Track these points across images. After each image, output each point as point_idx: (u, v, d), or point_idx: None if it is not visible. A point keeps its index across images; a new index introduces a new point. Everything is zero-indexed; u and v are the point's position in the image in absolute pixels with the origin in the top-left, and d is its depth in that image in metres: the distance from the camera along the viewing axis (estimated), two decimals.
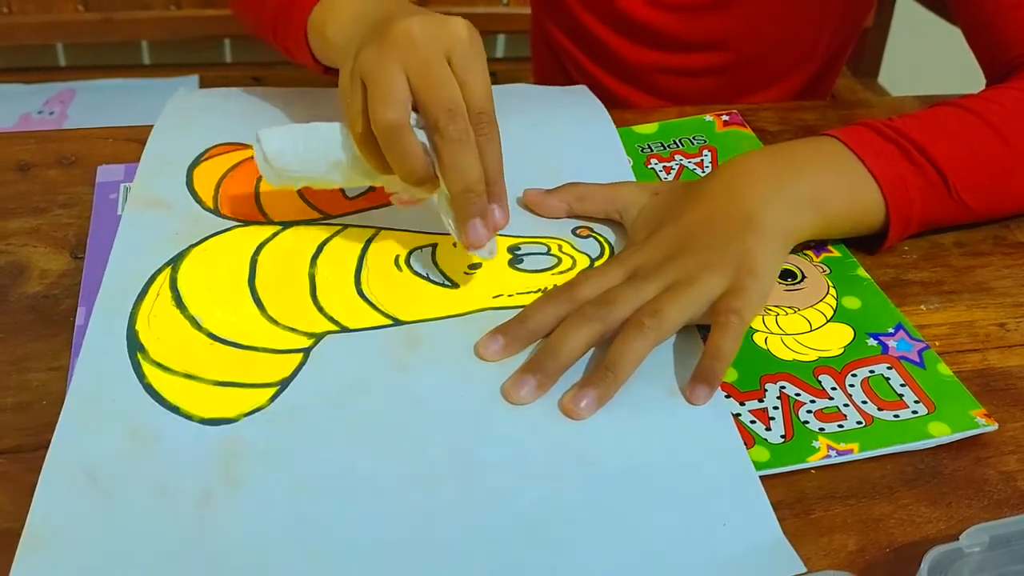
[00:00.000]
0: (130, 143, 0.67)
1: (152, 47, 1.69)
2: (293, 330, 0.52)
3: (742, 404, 0.50)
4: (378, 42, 0.52)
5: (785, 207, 0.57)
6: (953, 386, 0.51)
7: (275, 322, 0.53)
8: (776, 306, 0.56)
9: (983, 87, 0.70)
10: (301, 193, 0.62)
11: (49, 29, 1.53)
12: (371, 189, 0.62)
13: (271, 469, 0.45)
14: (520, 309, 0.53)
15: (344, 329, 0.53)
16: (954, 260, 0.62)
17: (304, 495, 0.44)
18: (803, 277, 0.58)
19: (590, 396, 0.48)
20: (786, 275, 0.58)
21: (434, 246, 0.58)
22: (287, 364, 0.51)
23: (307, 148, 0.55)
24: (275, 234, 0.58)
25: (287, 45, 0.67)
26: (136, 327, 0.52)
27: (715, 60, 0.87)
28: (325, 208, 0.61)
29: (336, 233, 0.59)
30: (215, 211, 0.60)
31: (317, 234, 0.59)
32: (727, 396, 0.50)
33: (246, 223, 0.59)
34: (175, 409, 0.48)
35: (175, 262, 0.56)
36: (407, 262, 0.57)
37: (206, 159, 0.65)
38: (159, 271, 0.55)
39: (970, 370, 0.53)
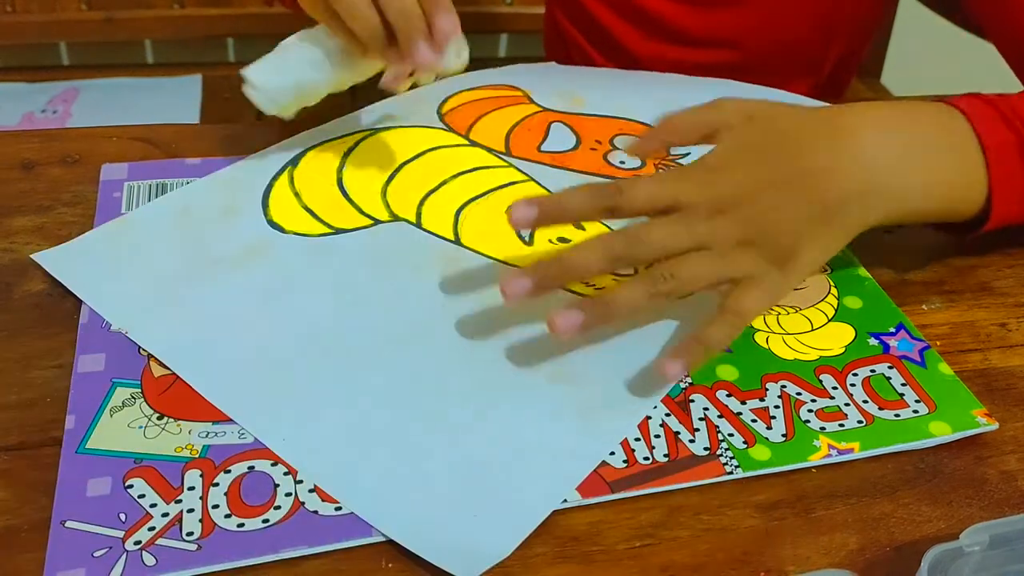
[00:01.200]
0: (134, 142, 0.67)
1: (155, 46, 1.69)
2: (387, 206, 0.60)
3: (743, 403, 0.50)
4: None
5: (878, 199, 0.52)
6: (954, 385, 0.51)
7: (384, 197, 0.60)
8: (777, 305, 0.56)
9: (983, 87, 0.69)
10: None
11: (52, 28, 1.53)
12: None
13: (316, 285, 0.54)
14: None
15: (418, 225, 0.59)
16: (955, 260, 0.62)
17: (325, 311, 0.53)
18: None
19: (573, 317, 0.48)
20: None
21: None
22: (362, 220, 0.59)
23: (285, 61, 0.61)
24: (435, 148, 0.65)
25: None
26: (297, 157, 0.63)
27: (726, 57, 0.87)
28: (516, 152, 0.65)
29: (512, 179, 0.63)
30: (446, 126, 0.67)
31: (484, 159, 0.64)
32: (728, 395, 0.50)
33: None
34: (271, 218, 0.59)
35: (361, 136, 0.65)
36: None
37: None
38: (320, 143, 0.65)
39: (971, 370, 0.53)
